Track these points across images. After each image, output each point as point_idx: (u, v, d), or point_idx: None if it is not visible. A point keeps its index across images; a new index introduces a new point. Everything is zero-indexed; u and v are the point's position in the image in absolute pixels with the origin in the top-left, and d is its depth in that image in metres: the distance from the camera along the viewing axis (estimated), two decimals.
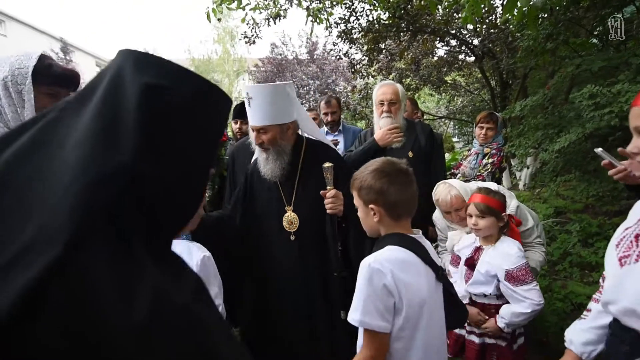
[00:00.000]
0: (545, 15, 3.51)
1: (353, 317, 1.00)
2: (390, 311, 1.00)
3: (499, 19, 5.92)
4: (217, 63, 17.67)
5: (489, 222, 1.66)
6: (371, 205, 1.09)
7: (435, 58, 7.70)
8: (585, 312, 1.31)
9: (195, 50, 37.64)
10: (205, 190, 0.55)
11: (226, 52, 17.62)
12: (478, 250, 1.74)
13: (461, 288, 1.72)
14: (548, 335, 2.44)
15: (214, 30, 17.47)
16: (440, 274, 1.12)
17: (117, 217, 0.39)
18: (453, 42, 7.00)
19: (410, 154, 2.26)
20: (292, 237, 1.68)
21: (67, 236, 0.35)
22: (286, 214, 1.69)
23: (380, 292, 0.98)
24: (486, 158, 2.66)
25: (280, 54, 13.13)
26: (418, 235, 1.14)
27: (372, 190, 1.08)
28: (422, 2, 4.82)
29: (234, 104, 1.55)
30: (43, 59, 1.16)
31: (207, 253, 1.49)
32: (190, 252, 1.50)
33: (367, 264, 1.02)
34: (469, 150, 2.96)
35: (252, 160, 1.88)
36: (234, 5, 3.43)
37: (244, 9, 3.70)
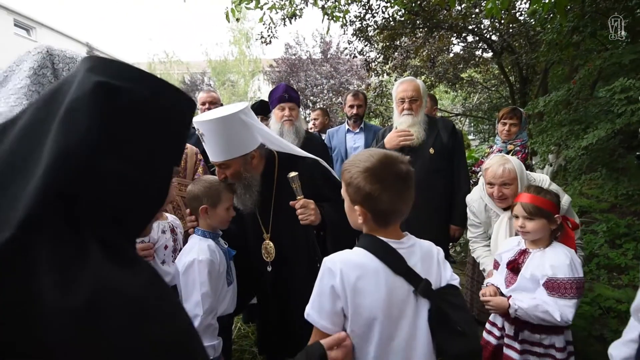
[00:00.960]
0: (569, 7, 3.39)
1: (306, 307, 0.96)
2: (339, 314, 0.93)
3: (518, 13, 5.77)
4: (232, 64, 17.89)
5: (538, 224, 1.47)
6: (356, 207, 0.97)
7: (451, 55, 7.56)
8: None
9: (212, 52, 38.30)
10: (169, 189, 0.56)
11: (242, 53, 17.82)
12: (523, 253, 1.57)
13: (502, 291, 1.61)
14: (575, 339, 2.35)
15: (230, 32, 17.74)
16: (424, 289, 0.95)
17: (70, 206, 0.41)
18: (470, 38, 6.86)
19: (431, 151, 2.22)
20: (269, 268, 1.59)
21: (19, 219, 0.36)
22: (264, 242, 1.60)
23: (328, 292, 0.92)
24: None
25: (294, 54, 13.18)
26: (398, 241, 0.98)
27: (360, 192, 0.94)
28: None
29: (250, 103, 1.49)
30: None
31: (202, 257, 1.37)
32: (191, 250, 1.41)
33: (324, 261, 0.96)
34: (491, 147, 2.88)
35: None
36: (252, 4, 3.45)
37: (261, 8, 3.72)
